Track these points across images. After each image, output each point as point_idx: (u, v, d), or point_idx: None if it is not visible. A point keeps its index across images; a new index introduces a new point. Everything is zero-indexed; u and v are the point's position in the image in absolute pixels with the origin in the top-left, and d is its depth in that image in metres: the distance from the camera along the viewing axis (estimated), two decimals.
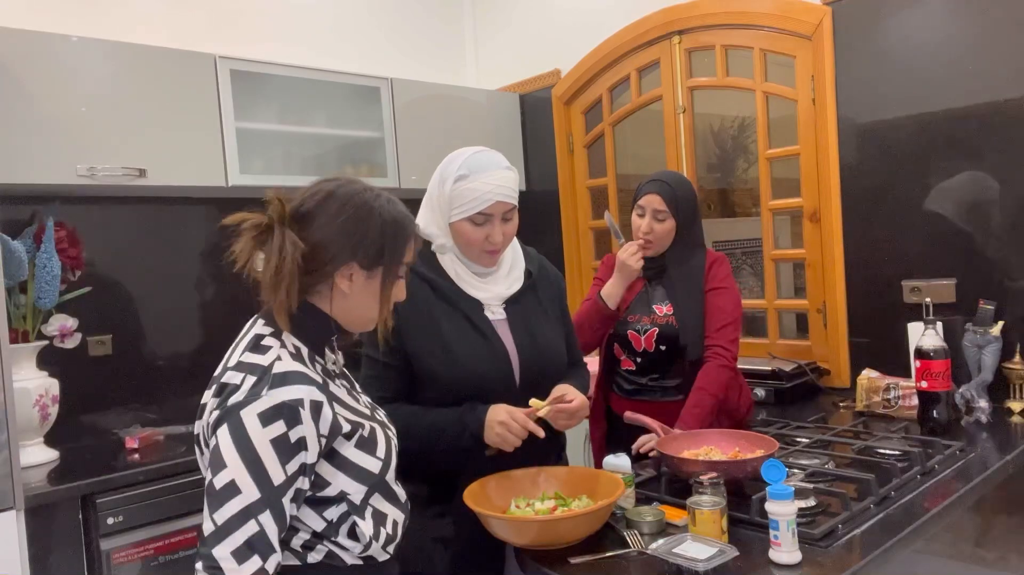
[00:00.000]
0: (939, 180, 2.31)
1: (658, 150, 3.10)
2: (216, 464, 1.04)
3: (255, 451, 1.03)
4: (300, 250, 1.12)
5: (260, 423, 1.04)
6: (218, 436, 1.05)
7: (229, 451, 1.03)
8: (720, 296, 2.02)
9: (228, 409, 1.05)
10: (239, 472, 1.02)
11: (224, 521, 1.02)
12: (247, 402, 1.05)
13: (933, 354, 1.94)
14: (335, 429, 1.11)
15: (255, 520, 1.02)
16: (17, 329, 2.23)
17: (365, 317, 1.22)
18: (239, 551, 1.01)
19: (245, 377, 1.08)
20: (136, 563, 2.08)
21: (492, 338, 1.58)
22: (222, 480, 1.03)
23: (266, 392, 1.05)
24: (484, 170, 1.53)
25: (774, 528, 1.24)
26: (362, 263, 1.17)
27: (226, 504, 1.02)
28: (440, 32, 3.71)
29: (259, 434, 1.03)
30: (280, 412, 1.05)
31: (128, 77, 2.43)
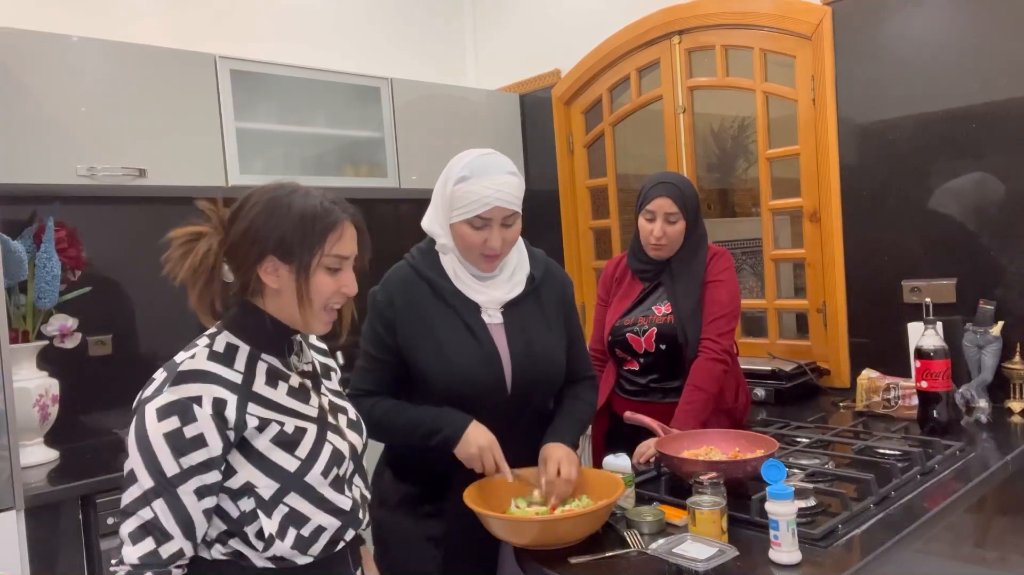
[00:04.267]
0: (939, 180, 2.31)
1: (658, 150, 3.10)
2: (126, 454, 1.13)
3: (148, 443, 1.10)
4: (213, 251, 1.18)
5: (156, 418, 1.10)
6: (129, 432, 1.14)
7: (131, 442, 1.12)
8: (715, 289, 2.02)
9: (138, 403, 1.14)
10: (136, 462, 1.11)
11: (126, 504, 1.11)
12: (151, 397, 1.12)
13: (933, 354, 1.94)
14: (239, 425, 1.14)
15: (150, 507, 1.09)
16: (17, 329, 2.24)
17: (294, 313, 1.22)
18: (135, 533, 1.09)
19: (161, 373, 1.16)
20: None
21: (485, 342, 1.56)
22: (127, 467, 1.12)
23: (167, 388, 1.12)
24: (486, 174, 1.51)
25: (774, 528, 1.24)
26: (279, 256, 1.18)
27: (128, 489, 1.11)
28: (440, 32, 3.71)
29: (153, 427, 1.10)
30: (175, 408, 1.10)
31: (128, 77, 2.43)
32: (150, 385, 1.15)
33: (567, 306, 1.73)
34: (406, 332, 1.56)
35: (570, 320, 1.73)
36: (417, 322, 1.56)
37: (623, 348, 2.09)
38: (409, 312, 1.56)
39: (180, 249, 1.20)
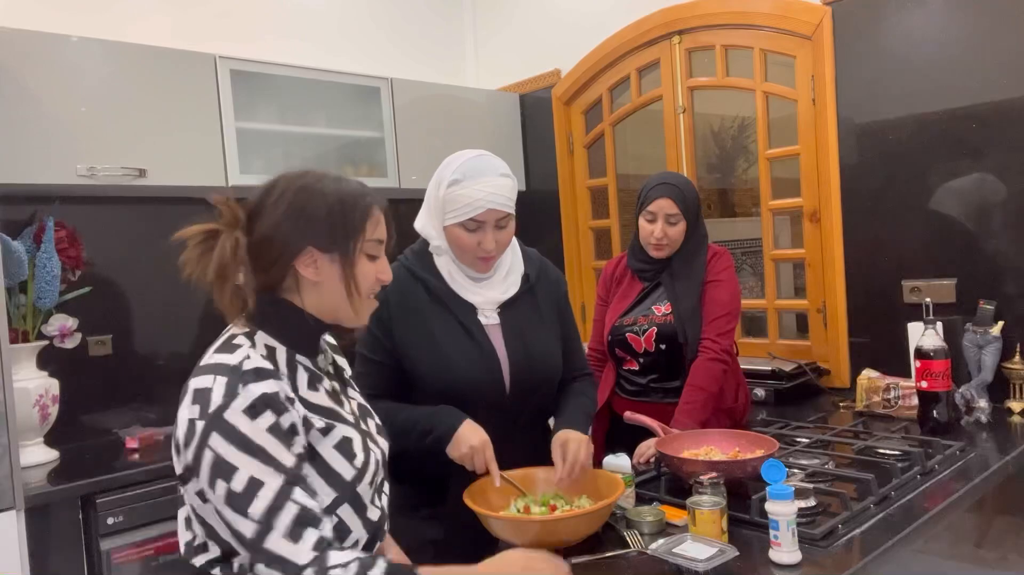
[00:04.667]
0: (939, 180, 2.31)
1: (658, 150, 3.10)
2: (225, 471, 1.00)
3: (256, 444, 1.01)
4: (243, 247, 1.08)
5: (248, 418, 1.01)
6: (213, 446, 1.01)
7: (233, 454, 1.00)
8: (715, 289, 2.02)
9: (211, 418, 1.02)
10: (252, 467, 1.00)
11: (262, 514, 0.99)
12: (227, 403, 1.02)
13: (933, 354, 1.94)
14: (307, 427, 1.08)
15: (291, 501, 1.01)
16: (17, 329, 2.23)
17: (337, 304, 1.15)
18: (292, 532, 1.00)
19: (216, 379, 1.04)
20: (136, 563, 2.08)
21: (483, 343, 1.56)
22: (240, 482, 1.00)
23: (242, 389, 1.02)
24: (478, 176, 1.50)
25: (774, 528, 1.24)
26: (319, 246, 1.11)
27: (256, 500, 0.99)
28: (440, 32, 3.71)
29: (251, 427, 1.01)
30: (264, 402, 1.03)
31: (128, 77, 2.43)
32: (210, 395, 1.03)
33: (561, 304, 1.73)
34: (402, 334, 1.56)
35: (565, 318, 1.73)
36: (413, 324, 1.56)
37: (623, 348, 2.09)
38: (405, 314, 1.56)
39: (198, 248, 1.11)
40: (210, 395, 1.03)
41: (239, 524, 1.00)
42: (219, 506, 1.02)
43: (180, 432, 1.06)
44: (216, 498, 1.01)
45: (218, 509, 1.02)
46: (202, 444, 1.02)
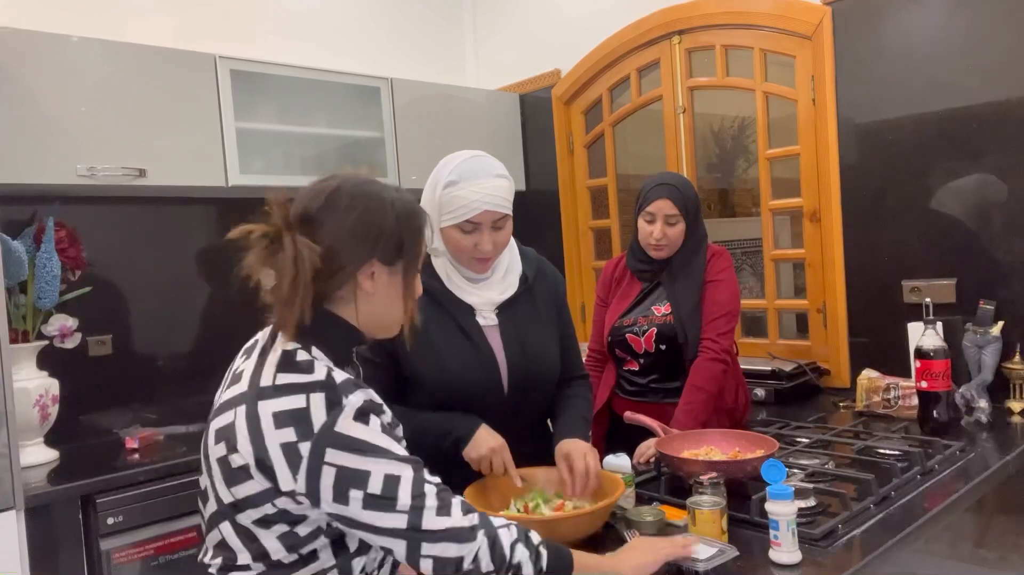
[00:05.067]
0: (939, 180, 2.31)
1: (658, 150, 3.10)
2: (357, 479, 0.98)
3: (377, 445, 1.00)
4: (317, 255, 1.04)
5: (361, 424, 1.00)
6: (332, 462, 0.98)
7: (358, 461, 0.99)
8: (715, 289, 2.02)
9: (320, 435, 0.98)
10: (382, 466, 1.00)
11: (409, 504, 1.00)
12: (334, 418, 0.99)
13: (933, 354, 1.93)
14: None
15: (428, 482, 1.02)
16: (17, 329, 2.23)
17: (392, 318, 1.16)
18: (441, 508, 1.01)
19: (309, 397, 1.00)
20: (136, 563, 2.08)
21: (481, 344, 1.56)
22: (377, 483, 0.99)
23: (345, 400, 1.01)
24: (474, 177, 1.49)
25: (774, 528, 1.24)
26: (383, 259, 1.10)
27: (399, 493, 1.00)
28: (440, 32, 3.71)
29: (367, 432, 1.00)
30: (368, 408, 1.02)
31: (128, 77, 2.43)
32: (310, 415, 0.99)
33: (560, 304, 1.73)
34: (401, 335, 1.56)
35: (563, 319, 1.73)
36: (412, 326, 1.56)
37: (623, 348, 2.09)
38: None
39: (262, 253, 1.04)
40: (309, 415, 0.99)
41: (387, 521, 0.99)
42: (355, 514, 1.00)
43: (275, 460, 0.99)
44: (351, 509, 0.99)
45: (353, 519, 1.00)
46: (317, 463, 0.98)
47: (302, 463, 0.98)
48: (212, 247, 2.91)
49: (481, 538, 1.03)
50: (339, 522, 1.02)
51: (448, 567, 1.01)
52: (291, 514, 1.02)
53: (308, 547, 1.04)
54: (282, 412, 1.00)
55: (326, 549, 1.06)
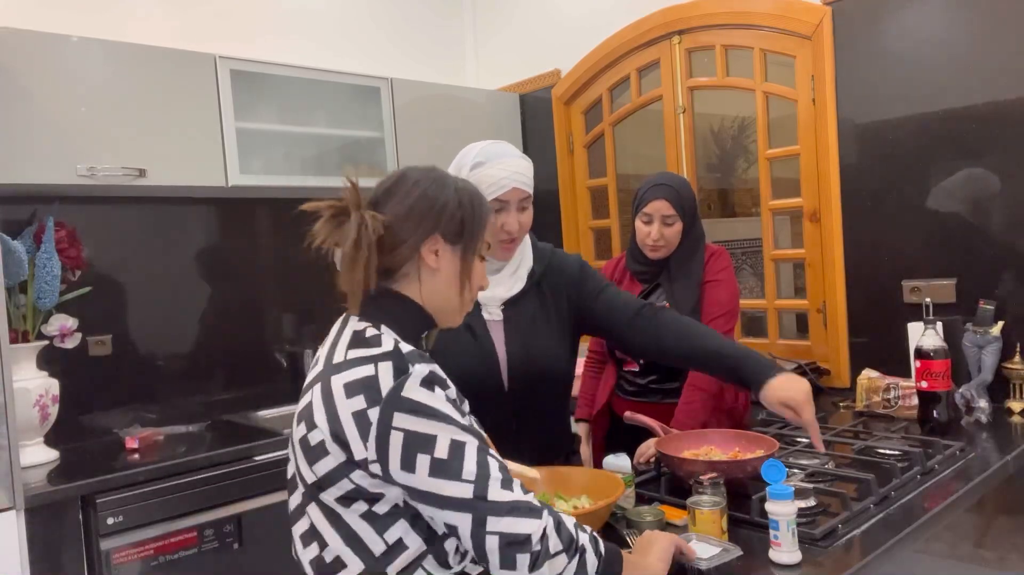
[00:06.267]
0: (939, 180, 2.31)
1: (658, 150, 3.10)
2: (423, 443, 0.99)
3: (443, 412, 1.01)
4: (381, 223, 1.07)
5: (427, 390, 1.01)
6: (400, 426, 0.99)
7: (425, 424, 0.99)
8: (714, 289, 2.02)
9: (389, 400, 0.99)
10: (449, 431, 1.00)
11: (475, 473, 0.99)
12: (401, 383, 1.00)
13: (933, 354, 1.94)
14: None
15: (491, 456, 1.02)
16: (17, 329, 2.23)
17: (453, 300, 1.16)
18: (505, 482, 1.00)
19: (377, 365, 1.02)
20: (136, 563, 2.08)
21: (483, 339, 1.57)
22: (443, 448, 0.99)
23: (411, 368, 1.02)
24: (501, 157, 1.54)
25: (774, 528, 1.24)
26: (446, 236, 1.12)
27: (465, 460, 0.99)
28: (440, 32, 3.71)
29: (432, 398, 1.01)
30: (434, 379, 1.03)
31: (128, 77, 2.43)
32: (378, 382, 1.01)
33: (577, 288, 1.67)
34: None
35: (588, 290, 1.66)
36: None
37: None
38: None
39: (330, 222, 1.09)
40: (377, 381, 1.01)
41: (453, 489, 0.98)
42: (421, 482, 0.99)
43: (347, 429, 1.00)
44: (417, 476, 0.99)
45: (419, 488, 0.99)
46: (386, 428, 0.99)
47: (371, 429, 0.99)
48: (212, 247, 2.91)
49: (547, 516, 1.02)
50: (409, 496, 1.01)
51: (515, 547, 0.98)
52: (367, 491, 1.02)
53: (392, 533, 1.03)
54: (352, 382, 1.02)
55: (409, 534, 1.04)
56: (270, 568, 2.31)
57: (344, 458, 1.01)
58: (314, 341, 3.11)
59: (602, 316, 1.66)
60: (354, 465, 1.01)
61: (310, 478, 1.05)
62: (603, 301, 1.66)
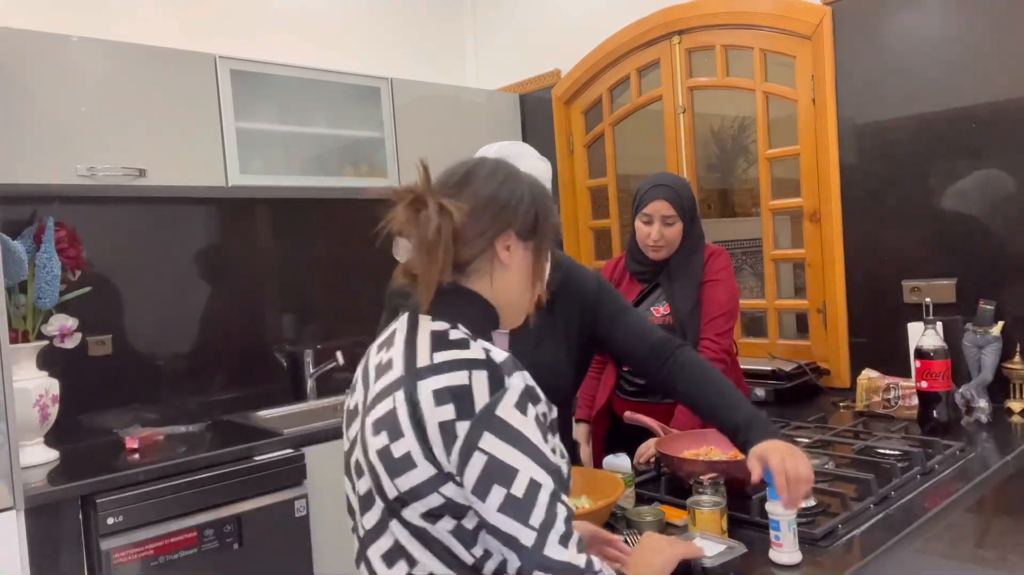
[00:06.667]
0: (939, 180, 2.31)
1: (658, 150, 3.10)
2: (505, 475, 0.93)
3: (530, 441, 0.95)
4: (463, 211, 1.01)
5: (520, 412, 0.95)
6: (486, 448, 0.93)
7: (511, 455, 0.93)
8: (713, 288, 2.02)
9: (480, 416, 0.94)
10: (531, 469, 0.94)
11: (542, 521, 0.93)
12: (497, 399, 0.94)
13: (933, 354, 1.94)
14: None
15: (560, 502, 0.95)
16: (17, 329, 2.24)
17: (522, 299, 1.12)
18: (564, 536, 0.94)
19: (471, 374, 0.96)
20: (136, 563, 2.08)
21: None
22: (521, 486, 0.93)
23: (508, 381, 0.96)
24: (522, 156, 1.53)
25: (775, 528, 1.24)
26: (519, 232, 1.08)
27: (536, 506, 0.93)
28: (440, 32, 3.71)
29: (523, 422, 0.95)
30: (528, 395, 0.97)
31: (128, 77, 2.43)
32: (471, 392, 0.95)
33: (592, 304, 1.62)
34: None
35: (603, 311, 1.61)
36: None
37: None
38: None
39: (409, 208, 1.03)
40: (471, 392, 0.94)
41: (518, 532, 0.93)
42: (489, 514, 0.94)
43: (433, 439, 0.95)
44: (487, 506, 0.94)
45: (486, 517, 0.95)
46: (471, 446, 0.93)
47: (456, 443, 0.94)
48: (212, 247, 2.91)
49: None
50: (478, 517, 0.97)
51: None
52: (457, 504, 0.97)
53: (479, 546, 0.99)
54: (443, 389, 0.96)
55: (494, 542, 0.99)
56: (270, 568, 2.31)
57: (434, 471, 0.96)
58: (314, 341, 3.12)
59: (618, 344, 1.61)
60: (445, 477, 0.96)
61: (392, 492, 0.98)
62: (621, 328, 1.60)
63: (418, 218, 1.02)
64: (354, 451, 1.07)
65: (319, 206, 3.18)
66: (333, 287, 3.21)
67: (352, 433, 1.09)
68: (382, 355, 1.08)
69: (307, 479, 2.40)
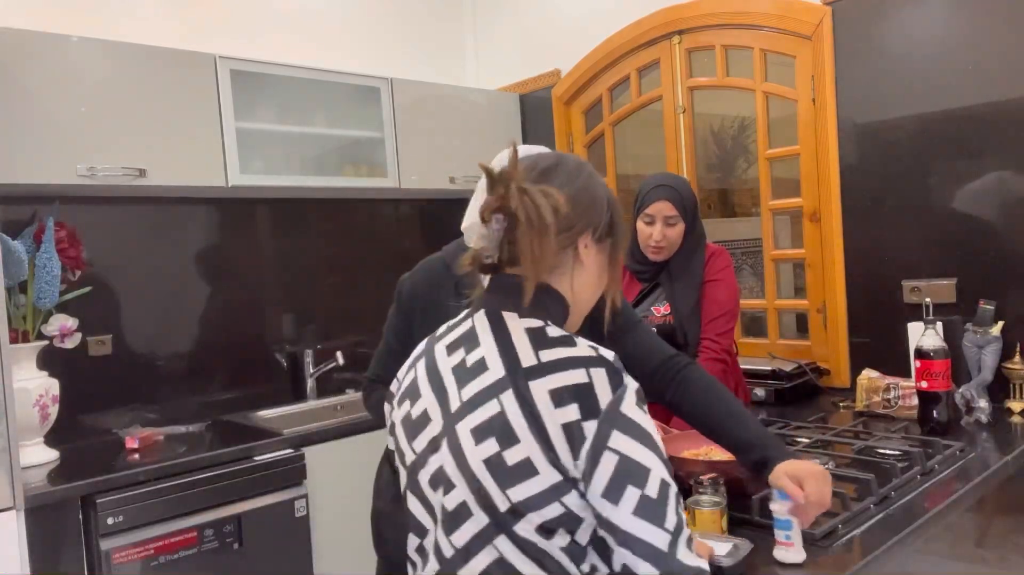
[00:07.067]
0: (939, 180, 2.31)
1: (658, 150, 3.10)
2: (638, 475, 0.89)
3: (654, 439, 0.91)
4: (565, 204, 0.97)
5: (640, 409, 0.92)
6: (617, 448, 0.89)
7: (642, 454, 0.89)
8: (713, 288, 2.02)
9: (608, 414, 0.89)
10: (659, 468, 0.90)
11: (675, 523, 0.90)
12: (620, 396, 0.90)
13: (933, 354, 1.93)
14: None
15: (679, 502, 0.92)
16: (17, 329, 2.23)
17: (591, 298, 1.10)
18: (687, 539, 0.91)
19: (590, 371, 0.91)
20: (136, 563, 2.08)
21: None
22: (654, 486, 0.89)
23: (625, 379, 0.93)
24: None
25: (785, 528, 1.22)
26: (595, 233, 1.05)
27: (668, 507, 0.89)
28: (440, 32, 3.71)
29: (645, 420, 0.92)
30: (639, 394, 0.94)
31: (128, 77, 2.43)
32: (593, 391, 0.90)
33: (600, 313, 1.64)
34: (420, 327, 1.57)
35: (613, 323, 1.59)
36: (432, 319, 1.55)
37: None
38: (426, 308, 1.57)
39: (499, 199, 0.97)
40: (593, 391, 0.90)
41: (653, 537, 0.89)
42: (622, 518, 0.89)
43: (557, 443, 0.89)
44: (619, 510, 0.89)
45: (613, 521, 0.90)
46: (601, 446, 0.89)
47: (585, 444, 0.89)
48: (212, 247, 2.91)
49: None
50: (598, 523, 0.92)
51: None
52: (573, 516, 0.91)
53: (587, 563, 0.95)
54: (561, 389, 0.90)
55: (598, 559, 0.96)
56: (270, 568, 2.31)
57: (559, 478, 0.90)
58: (314, 341, 3.12)
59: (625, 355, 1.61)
60: (570, 484, 0.90)
61: (503, 504, 0.91)
62: (631, 340, 1.57)
63: (533, 199, 0.95)
64: (428, 463, 0.98)
65: (319, 206, 3.18)
66: (333, 287, 3.21)
67: (422, 443, 0.99)
68: (460, 355, 1.00)
69: (307, 479, 2.40)
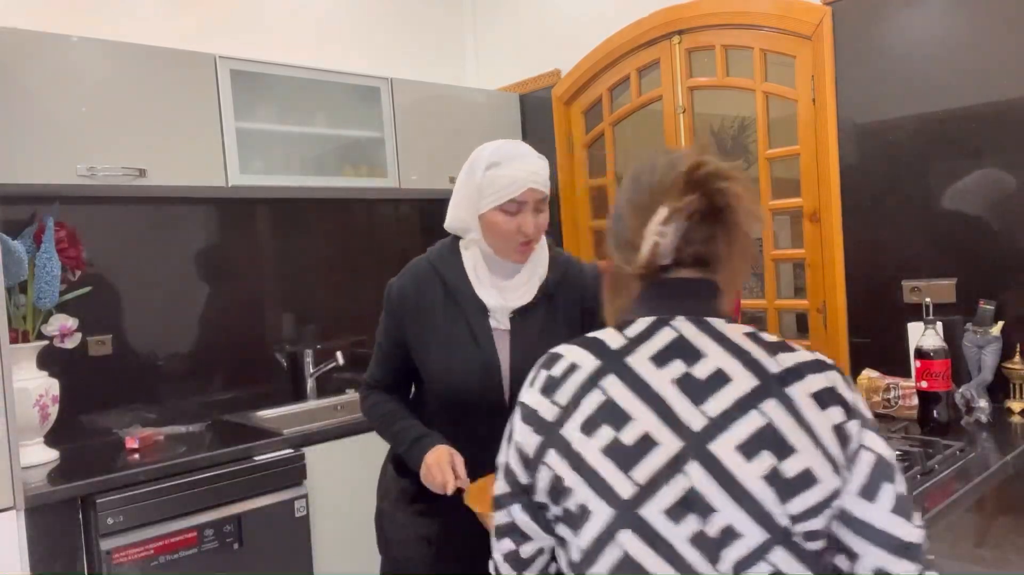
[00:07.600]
0: (939, 180, 2.31)
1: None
2: (890, 472, 0.88)
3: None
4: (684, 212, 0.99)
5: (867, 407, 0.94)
6: (870, 447, 0.88)
7: (888, 450, 0.90)
8: None
9: (859, 414, 0.90)
10: (897, 462, 0.92)
11: (922, 518, 0.90)
12: (856, 397, 0.91)
13: (933, 354, 1.94)
14: None
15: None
16: (17, 329, 2.24)
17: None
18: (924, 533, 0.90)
19: (827, 374, 0.90)
20: (136, 563, 2.08)
21: (487, 349, 1.53)
22: (902, 480, 0.90)
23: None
24: (516, 158, 1.50)
25: None
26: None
27: (911, 501, 0.90)
28: (440, 32, 3.71)
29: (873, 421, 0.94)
30: None
31: (128, 77, 2.43)
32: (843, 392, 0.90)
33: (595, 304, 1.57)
34: (412, 329, 1.57)
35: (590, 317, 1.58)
36: (423, 321, 1.56)
37: None
38: (417, 309, 1.56)
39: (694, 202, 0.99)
40: (839, 393, 0.89)
41: (905, 532, 0.87)
42: (877, 515, 0.87)
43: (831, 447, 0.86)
44: (876, 507, 0.87)
45: (865, 519, 0.87)
46: (859, 446, 0.88)
47: (850, 445, 0.87)
48: (212, 247, 2.91)
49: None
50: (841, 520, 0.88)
51: None
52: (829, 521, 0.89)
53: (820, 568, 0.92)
54: (820, 392, 0.88)
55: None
56: (270, 568, 2.31)
57: (838, 483, 0.86)
58: (314, 341, 3.12)
59: None
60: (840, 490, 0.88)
61: (782, 520, 0.85)
62: None
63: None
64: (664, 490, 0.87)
65: (319, 206, 3.18)
66: (333, 287, 3.21)
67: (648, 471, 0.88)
68: (680, 368, 0.91)
69: (307, 479, 2.41)
